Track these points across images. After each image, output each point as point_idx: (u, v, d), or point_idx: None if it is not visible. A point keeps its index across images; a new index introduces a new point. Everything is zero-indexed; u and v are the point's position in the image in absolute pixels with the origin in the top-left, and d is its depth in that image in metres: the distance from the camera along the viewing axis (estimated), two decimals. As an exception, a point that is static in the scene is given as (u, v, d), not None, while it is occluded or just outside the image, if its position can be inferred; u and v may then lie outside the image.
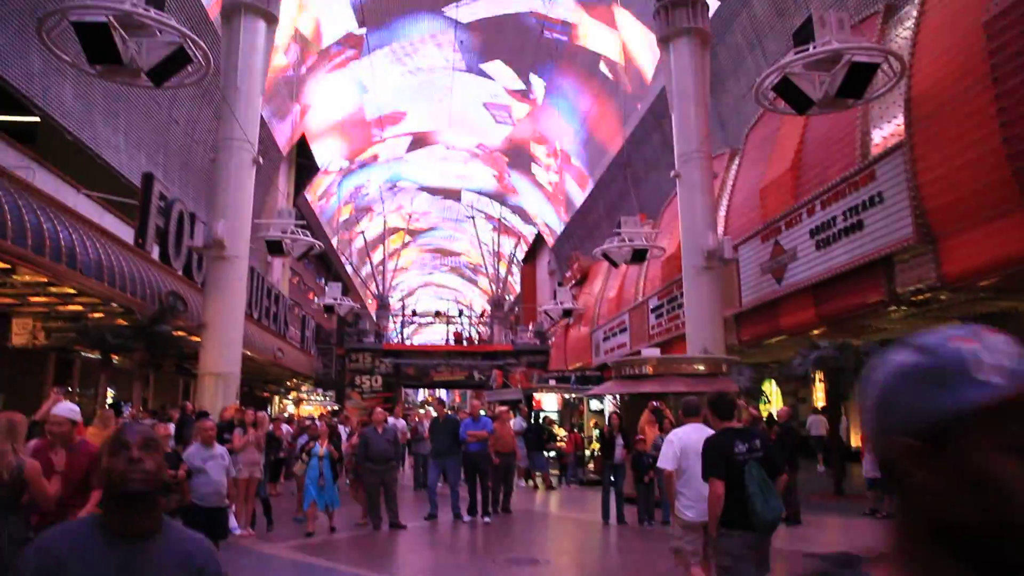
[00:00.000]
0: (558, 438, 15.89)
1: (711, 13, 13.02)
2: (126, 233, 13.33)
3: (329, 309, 26.57)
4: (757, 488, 3.64)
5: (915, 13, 8.86)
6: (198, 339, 12.90)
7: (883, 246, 8.86)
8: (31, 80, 11.84)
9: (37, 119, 12.51)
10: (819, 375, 13.94)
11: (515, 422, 14.57)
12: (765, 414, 12.74)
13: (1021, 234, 6.86)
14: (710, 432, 4.01)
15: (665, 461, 4.43)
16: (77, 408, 4.46)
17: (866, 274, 9.41)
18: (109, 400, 14.85)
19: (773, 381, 16.27)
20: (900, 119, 8.87)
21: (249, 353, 16.00)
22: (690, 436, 4.22)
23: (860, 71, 7.65)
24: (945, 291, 8.53)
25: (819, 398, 14.07)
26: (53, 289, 10.35)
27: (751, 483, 3.65)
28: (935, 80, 7.98)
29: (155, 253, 13.62)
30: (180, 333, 14.04)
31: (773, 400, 16.89)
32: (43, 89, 12.19)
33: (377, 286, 45.18)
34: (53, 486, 3.89)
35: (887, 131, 9.63)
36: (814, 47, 7.76)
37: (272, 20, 12.59)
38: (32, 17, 10.51)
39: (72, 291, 10.49)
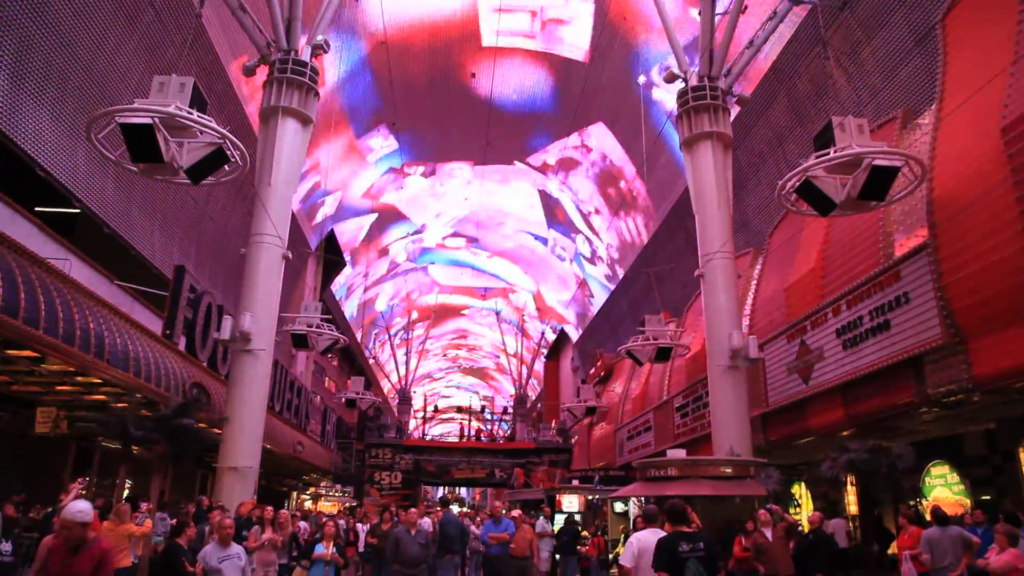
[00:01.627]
0: (585, 541, 15.38)
1: (732, 118, 13.35)
2: (155, 324, 13.55)
3: (351, 403, 26.48)
4: None
5: (932, 119, 9.02)
6: (219, 431, 12.86)
7: (911, 347, 8.73)
8: (75, 175, 12.35)
9: (78, 211, 12.97)
10: (850, 478, 13.48)
11: (539, 524, 14.15)
12: (796, 517, 12.27)
13: (1053, 337, 6.74)
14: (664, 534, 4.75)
15: (625, 559, 4.94)
16: (89, 508, 4.39)
17: (895, 375, 9.23)
18: (126, 492, 14.71)
19: (803, 484, 15.73)
20: (923, 220, 8.90)
21: (269, 447, 15.89)
22: (648, 538, 4.82)
23: (881, 174, 7.73)
24: (977, 393, 8.31)
25: (851, 502, 13.55)
26: (80, 379, 10.45)
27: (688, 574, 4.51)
28: (956, 183, 8.04)
29: (182, 344, 13.79)
30: (202, 425, 14.02)
31: (804, 504, 16.29)
32: (86, 183, 12.69)
33: (399, 380, 45.02)
34: None
35: (911, 231, 9.65)
36: (835, 151, 7.88)
37: (307, 122, 13.11)
38: (81, 116, 11.08)
39: (98, 381, 10.59)
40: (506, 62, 23.75)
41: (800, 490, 15.74)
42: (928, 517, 8.65)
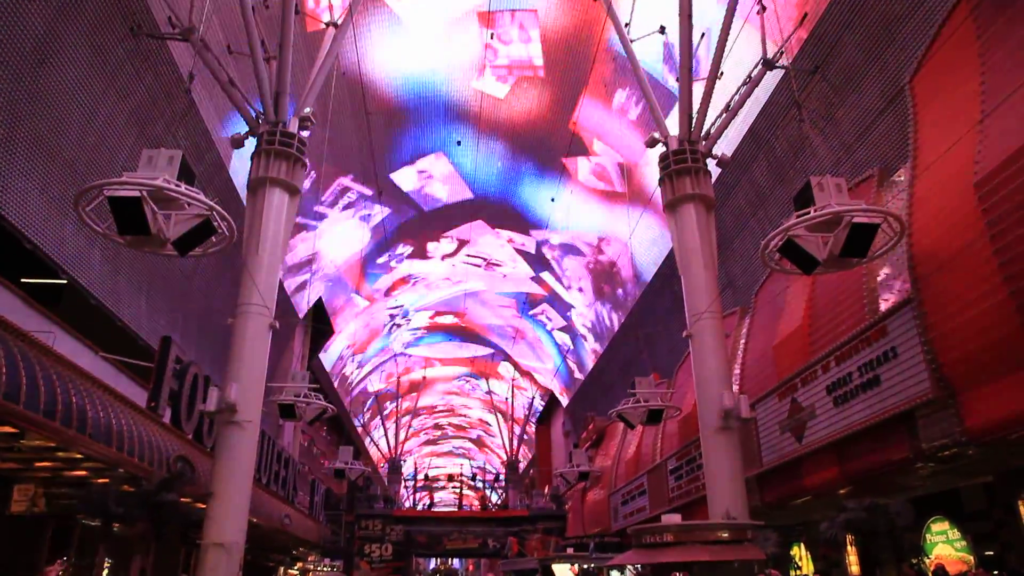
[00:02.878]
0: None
1: (713, 179, 13.58)
2: (140, 395, 13.35)
3: (340, 474, 25.98)
4: None
5: (908, 176, 9.22)
6: (203, 506, 12.54)
7: (902, 401, 8.71)
8: (62, 246, 12.36)
9: (64, 281, 12.93)
10: (850, 538, 13.26)
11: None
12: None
13: (1041, 387, 6.75)
14: None
15: None
16: None
17: (888, 430, 9.18)
18: (105, 572, 14.23)
19: (802, 545, 15.45)
20: (906, 275, 9.00)
21: (255, 520, 15.50)
22: None
23: (861, 231, 7.85)
24: (972, 446, 8.26)
25: (852, 562, 13.30)
26: (60, 454, 10.22)
27: None
28: (935, 238, 8.17)
29: (167, 416, 13.57)
30: (186, 500, 13.69)
31: (804, 566, 15.97)
32: (73, 255, 12.69)
33: (389, 449, 44.37)
34: None
35: (895, 286, 9.75)
36: (815, 210, 8.01)
37: (294, 192, 13.22)
38: (70, 188, 11.16)
39: (79, 456, 10.36)
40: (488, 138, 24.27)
41: (799, 552, 15.45)
42: (930, 576, 8.49)
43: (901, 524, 9.26)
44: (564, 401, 40.10)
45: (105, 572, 14.11)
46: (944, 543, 11.17)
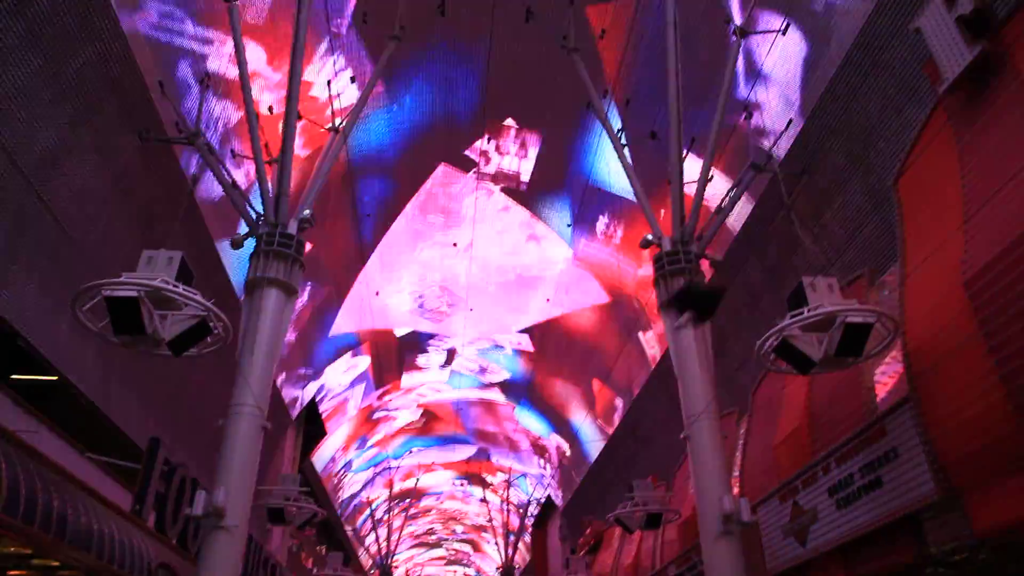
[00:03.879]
0: None
1: (707, 280, 13.74)
2: (125, 498, 13.00)
3: (328, 582, 25.03)
4: None
5: (898, 276, 9.34)
6: (185, 617, 12.02)
7: (906, 504, 8.50)
8: (56, 345, 12.31)
9: (54, 379, 12.81)
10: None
11: None
12: None
13: (1047, 489, 6.62)
14: None
15: None
16: None
17: (893, 534, 8.92)
18: None
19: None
20: (902, 374, 8.97)
21: (238, 633, 14.79)
22: None
23: (855, 331, 7.91)
24: (983, 550, 8.02)
25: None
26: (36, 561, 9.85)
27: None
28: (929, 337, 8.19)
29: (151, 521, 13.17)
30: (166, 610, 13.12)
31: None
32: (66, 354, 12.62)
33: (380, 552, 42.95)
34: None
35: (892, 385, 9.70)
36: (808, 310, 8.09)
37: (291, 292, 13.30)
38: (67, 288, 11.20)
39: (55, 564, 9.98)
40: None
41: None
42: None
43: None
44: (561, 504, 39.11)
45: None
46: (960, 656, 10.68)
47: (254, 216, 13.48)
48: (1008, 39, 7.76)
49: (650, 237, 14.06)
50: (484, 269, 25.98)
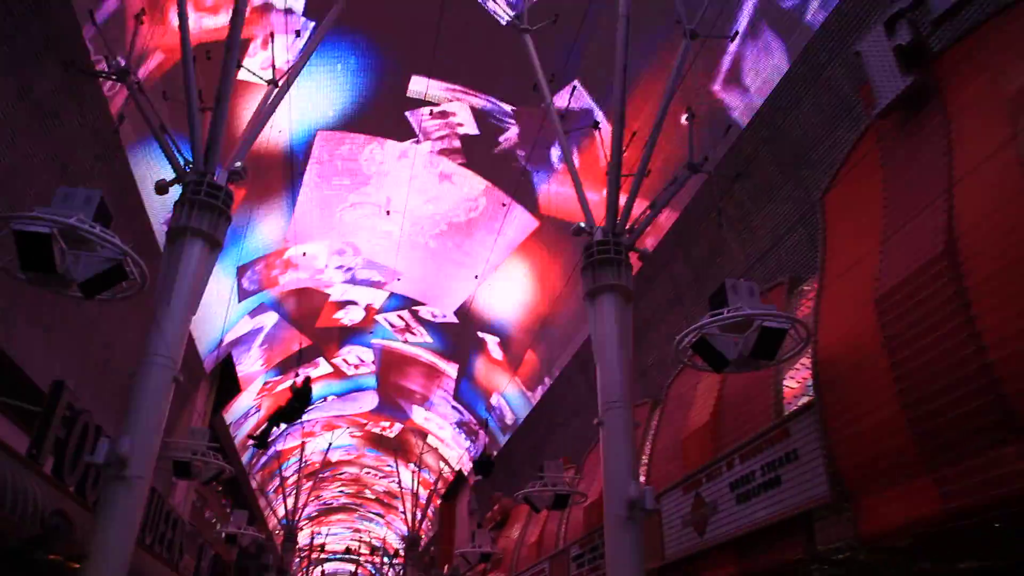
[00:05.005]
0: None
1: (634, 273, 14.00)
2: (21, 441, 12.47)
3: (232, 539, 24.68)
4: None
5: (816, 287, 9.73)
6: (77, 566, 11.66)
7: (801, 503, 8.94)
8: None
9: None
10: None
11: None
12: None
13: (927, 498, 7.06)
14: None
15: None
16: None
17: (786, 531, 9.38)
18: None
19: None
20: (810, 381, 9.38)
21: (132, 586, 14.46)
22: None
23: (770, 335, 8.22)
24: (864, 551, 8.51)
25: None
26: (-78, 501, 9.41)
27: None
28: (838, 347, 8.59)
29: (48, 466, 12.69)
30: (56, 558, 12.72)
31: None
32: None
33: (287, 515, 42.53)
34: None
35: (799, 390, 10.14)
36: (727, 311, 8.36)
37: (216, 245, 12.92)
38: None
39: (-57, 504, 9.55)
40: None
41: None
42: None
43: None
44: (471, 479, 39.46)
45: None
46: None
47: (183, 163, 13.01)
48: (939, 72, 8.13)
49: (582, 225, 14.22)
50: (415, 238, 25.79)
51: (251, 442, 16.66)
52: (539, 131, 18.75)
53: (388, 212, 24.63)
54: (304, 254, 26.33)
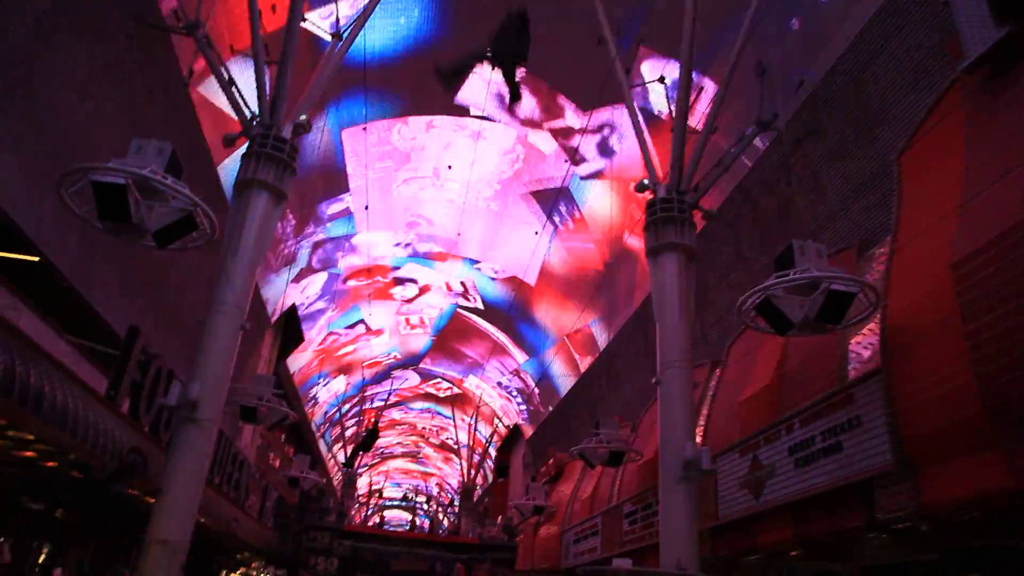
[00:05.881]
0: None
1: (697, 231, 13.74)
2: (101, 383, 13.12)
3: (294, 482, 25.63)
4: None
5: (887, 250, 9.40)
6: (152, 501, 12.29)
7: (861, 471, 8.77)
8: (40, 225, 12.19)
9: (36, 259, 12.74)
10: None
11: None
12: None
13: (996, 472, 6.85)
14: None
15: None
16: None
17: (845, 497, 9.24)
18: (42, 557, 13.89)
19: (748, 604, 15.44)
20: (878, 346, 9.12)
21: (203, 520, 15.22)
22: None
23: (838, 299, 7.99)
24: (925, 522, 8.34)
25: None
26: (10, 433, 9.99)
27: None
28: (908, 313, 8.31)
29: (125, 407, 13.34)
30: (134, 493, 13.42)
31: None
32: (50, 234, 12.51)
33: (346, 462, 43.81)
34: None
35: (865, 356, 9.87)
36: (794, 273, 8.14)
37: (281, 197, 13.16)
38: (53, 168, 11.02)
39: (30, 437, 10.13)
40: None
41: (745, 610, 15.42)
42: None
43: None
44: (527, 433, 39.96)
45: (42, 558, 13.75)
46: (889, 616, 11.21)
47: (249, 116, 13.21)
48: (1037, 24, 7.62)
49: (646, 182, 13.99)
50: (475, 199, 25.83)
51: (343, 465, 18.44)
52: (603, 86, 18.38)
53: (450, 167, 24.70)
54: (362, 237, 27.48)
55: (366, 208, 25.63)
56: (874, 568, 11.07)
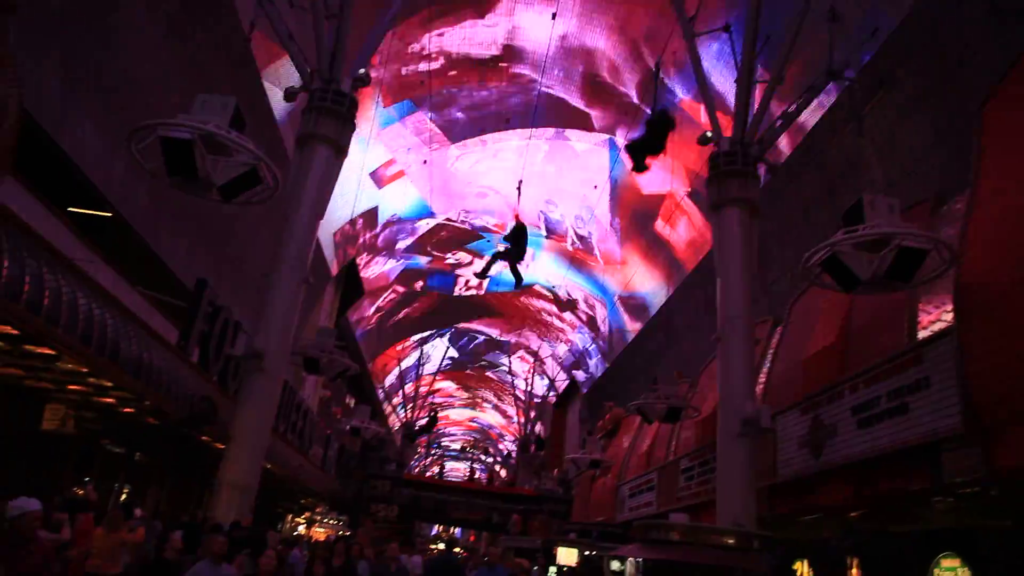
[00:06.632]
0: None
1: (761, 185, 13.38)
2: (171, 334, 13.61)
3: (355, 432, 26.37)
4: None
5: (965, 206, 8.99)
6: (222, 447, 12.82)
7: (928, 433, 8.55)
8: (111, 181, 12.58)
9: (109, 215, 13.19)
10: (855, 561, 13.14)
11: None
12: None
13: (1075, 437, 6.58)
14: None
15: None
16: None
17: (910, 460, 9.03)
18: (123, 497, 14.67)
19: (805, 562, 15.35)
20: (949, 305, 8.80)
21: (269, 466, 15.81)
22: None
23: (909, 256, 7.70)
24: (996, 487, 8.11)
25: (854, 586, 13.21)
26: (91, 380, 10.50)
27: None
28: (985, 271, 7.97)
29: (195, 356, 13.84)
30: (206, 439, 14.00)
31: (804, 583, 15.90)
32: (120, 190, 12.91)
33: (406, 416, 44.78)
34: None
35: (936, 315, 9.54)
36: (863, 229, 7.86)
37: (341, 151, 13.29)
38: (123, 126, 11.32)
39: (109, 384, 10.63)
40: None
41: (802, 568, 15.35)
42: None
43: (910, 554, 9.14)
44: (584, 388, 40.14)
45: (123, 498, 14.53)
46: (952, 580, 11.02)
47: (308, 71, 13.29)
48: None
49: (708, 134, 13.64)
50: (527, 158, 25.67)
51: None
52: (670, 34, 17.84)
53: (507, 120, 24.50)
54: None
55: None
56: (938, 531, 10.86)
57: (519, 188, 19.94)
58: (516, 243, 18.11)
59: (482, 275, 20.73)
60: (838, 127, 14.07)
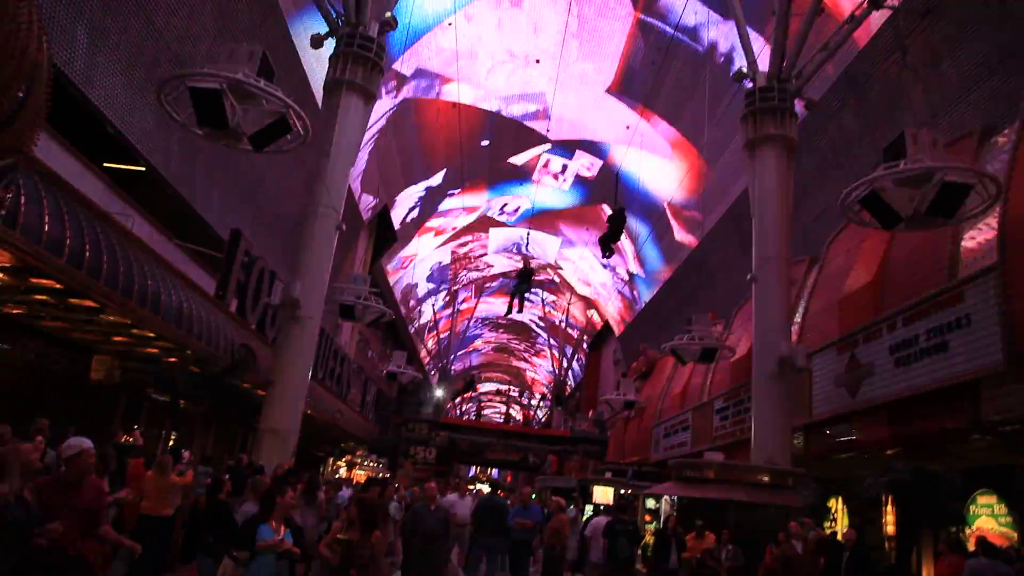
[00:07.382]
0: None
1: (799, 121, 13.03)
2: (209, 284, 13.86)
3: (392, 377, 26.81)
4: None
5: (1012, 139, 8.67)
6: (263, 393, 13.14)
7: (968, 371, 8.43)
8: (143, 134, 12.67)
9: (143, 169, 13.32)
10: (890, 498, 13.17)
11: (569, 511, 14.19)
12: (829, 532, 12.06)
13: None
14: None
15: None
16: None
17: (948, 398, 8.94)
18: (171, 444, 15.19)
19: (840, 499, 15.42)
20: (993, 242, 8.57)
21: (309, 412, 16.19)
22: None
23: (952, 191, 7.48)
24: (1035, 425, 8.01)
25: (889, 522, 13.23)
26: (135, 331, 10.78)
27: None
28: (1032, 206, 7.73)
29: (233, 306, 14.10)
30: (247, 386, 14.35)
31: (839, 519, 16.00)
32: (153, 143, 13.01)
33: (441, 358, 45.34)
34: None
35: (979, 252, 9.31)
36: (905, 163, 7.64)
37: (370, 97, 13.20)
38: (152, 78, 11.34)
39: (152, 335, 10.90)
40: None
41: (837, 505, 15.44)
42: (971, 547, 8.40)
43: (946, 492, 9.12)
44: (617, 330, 40.18)
45: (170, 445, 15.05)
46: (988, 516, 10.99)
47: (335, 16, 13.13)
48: None
49: (744, 70, 13.27)
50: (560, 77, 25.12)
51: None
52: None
53: (538, 61, 24.07)
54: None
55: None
56: (975, 469, 10.81)
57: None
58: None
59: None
60: (879, 60, 13.56)
